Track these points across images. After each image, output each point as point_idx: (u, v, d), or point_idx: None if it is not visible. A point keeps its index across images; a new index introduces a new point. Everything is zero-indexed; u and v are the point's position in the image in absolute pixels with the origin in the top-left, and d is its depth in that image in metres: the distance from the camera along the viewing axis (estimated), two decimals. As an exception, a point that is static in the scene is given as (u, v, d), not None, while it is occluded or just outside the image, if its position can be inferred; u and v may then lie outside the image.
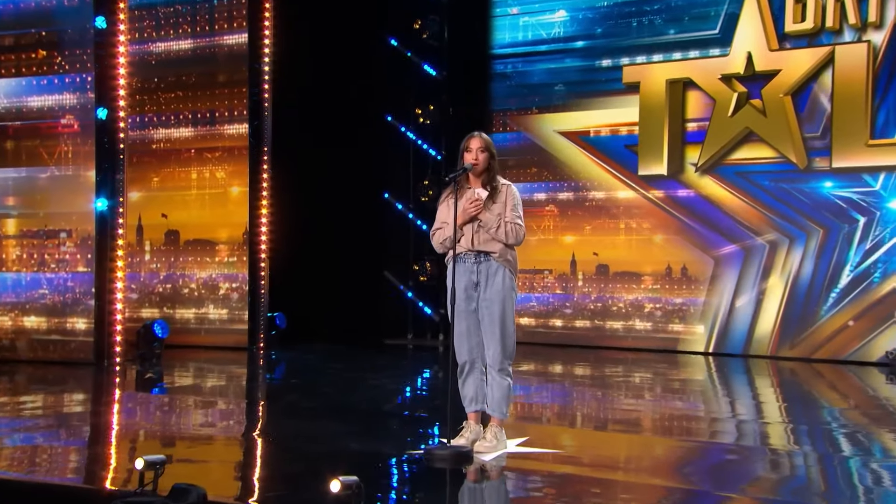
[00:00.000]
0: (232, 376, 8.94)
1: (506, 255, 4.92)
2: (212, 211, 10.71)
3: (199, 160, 10.78)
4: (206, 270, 10.76)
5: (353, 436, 5.55)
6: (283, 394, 7.94)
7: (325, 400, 7.21)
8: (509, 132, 11.69)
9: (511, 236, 4.89)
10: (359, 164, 11.55)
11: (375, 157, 11.60)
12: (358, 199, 11.56)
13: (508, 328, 4.91)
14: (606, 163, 11.15)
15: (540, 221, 11.54)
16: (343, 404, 6.91)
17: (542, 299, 11.46)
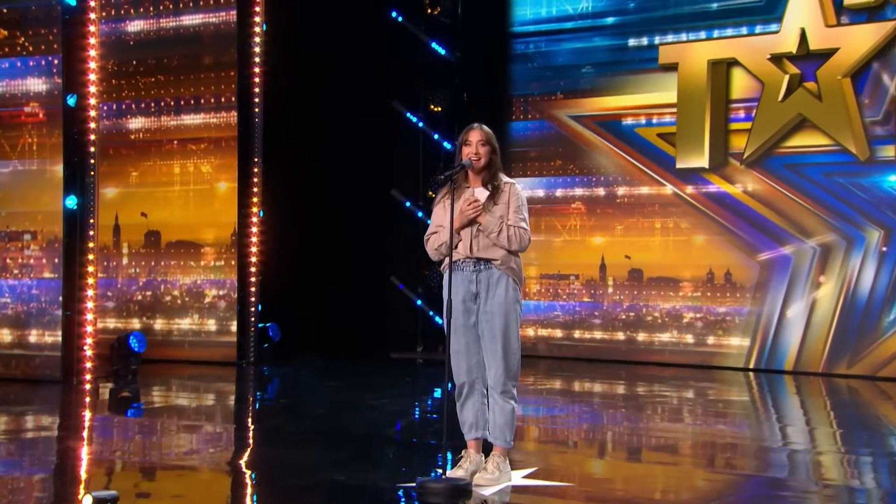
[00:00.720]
0: (216, 395, 8.92)
1: (509, 262, 4.89)
2: (197, 209, 10.67)
3: (182, 152, 10.75)
4: (191, 276, 10.73)
5: (340, 465, 5.49)
6: (270, 416, 7.92)
7: (314, 424, 7.17)
8: (531, 120, 11.71)
9: (514, 241, 4.86)
10: (361, 157, 11.52)
11: (380, 149, 11.53)
12: (360, 196, 11.53)
13: (512, 345, 4.85)
14: (640, 155, 11.16)
15: (565, 221, 11.52)
16: (334, 428, 6.88)
17: (567, 308, 11.46)
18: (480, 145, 4.92)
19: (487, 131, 4.93)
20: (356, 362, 10.73)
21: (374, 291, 11.52)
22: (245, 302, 10.54)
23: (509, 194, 4.92)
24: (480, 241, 4.87)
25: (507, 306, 4.84)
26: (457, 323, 4.86)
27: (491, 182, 4.94)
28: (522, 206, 4.94)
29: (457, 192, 4.89)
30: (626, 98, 11.07)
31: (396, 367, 10.65)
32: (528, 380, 10.05)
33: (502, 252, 4.88)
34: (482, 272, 4.86)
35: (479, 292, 4.86)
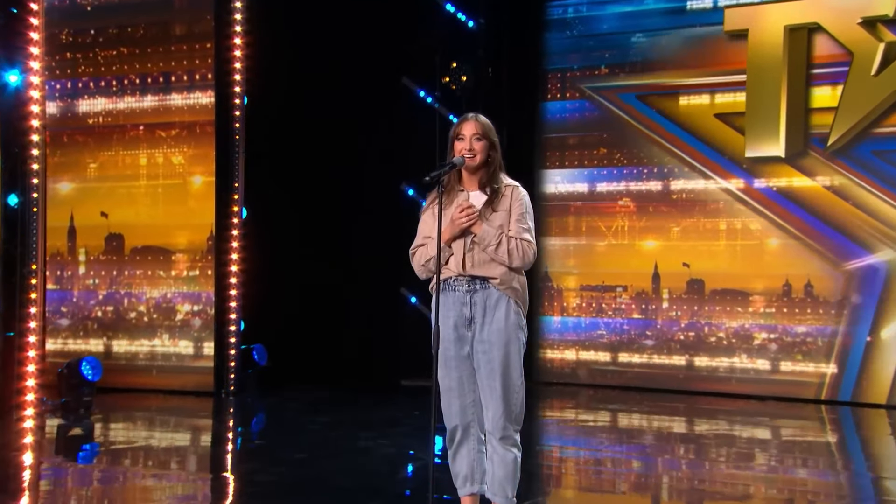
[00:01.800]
0: (184, 433, 8.91)
1: (510, 281, 4.89)
2: (167, 208, 10.65)
3: (149, 140, 10.70)
4: (160, 288, 10.71)
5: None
6: (242, 461, 7.85)
7: (291, 471, 7.06)
8: (569, 100, 11.71)
9: (516, 256, 4.86)
10: (365, 145, 11.51)
11: (388, 136, 11.49)
12: (364, 192, 11.54)
13: (514, 380, 4.84)
14: (701, 141, 11.11)
15: (610, 221, 11.51)
16: (313, 477, 6.81)
17: (613, 326, 11.50)
18: (475, 140, 4.94)
19: (484, 122, 4.97)
20: (358, 391, 10.74)
21: (380, 306, 11.51)
22: (224, 319, 10.45)
23: (511, 199, 4.95)
24: (475, 256, 4.87)
25: (507, 333, 4.84)
26: (447, 354, 4.88)
27: (489, 184, 4.96)
28: (527, 213, 4.96)
29: (448, 196, 4.93)
30: (685, 73, 11.12)
31: (406, 398, 10.59)
32: (566, 413, 10.19)
33: (502, 269, 4.88)
34: (478, 293, 4.87)
35: (473, 317, 4.87)
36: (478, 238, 4.83)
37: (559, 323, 11.66)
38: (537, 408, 10.71)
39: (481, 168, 4.95)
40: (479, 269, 4.85)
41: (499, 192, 4.93)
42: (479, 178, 4.95)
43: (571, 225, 11.63)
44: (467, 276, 4.87)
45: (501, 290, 4.85)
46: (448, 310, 4.87)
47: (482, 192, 4.94)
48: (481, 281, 4.86)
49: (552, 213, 11.68)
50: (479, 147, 4.92)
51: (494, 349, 4.81)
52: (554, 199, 11.68)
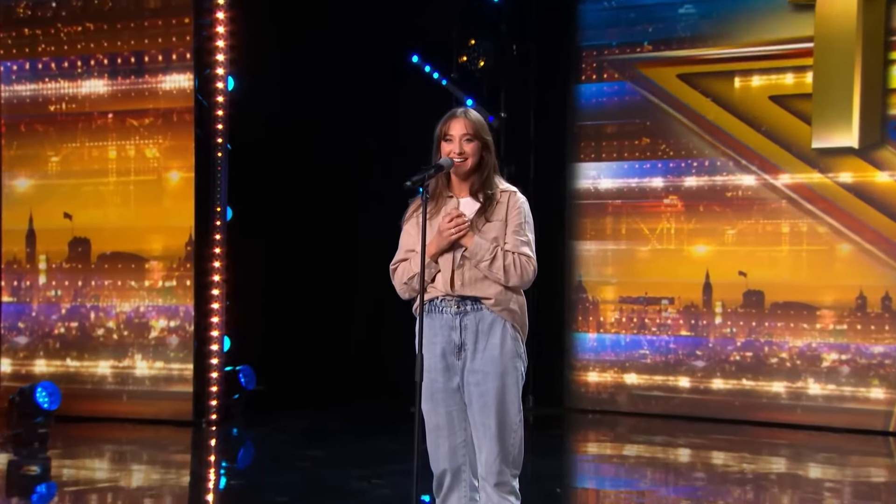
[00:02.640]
0: (157, 471, 8.89)
1: (506, 301, 4.93)
2: (140, 209, 10.68)
3: (119, 130, 10.71)
4: (132, 301, 10.72)
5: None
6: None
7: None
8: (606, 82, 11.64)
9: (513, 273, 4.89)
10: (368, 137, 11.46)
11: (394, 126, 11.37)
12: (366, 191, 11.48)
13: (511, 418, 4.89)
14: (761, 130, 11.02)
15: (654, 222, 11.42)
16: None
17: (657, 345, 11.39)
18: (465, 141, 4.96)
19: (476, 120, 5.01)
20: (358, 419, 10.76)
21: (386, 321, 11.14)
22: (205, 337, 10.44)
23: (508, 207, 4.99)
24: (466, 273, 4.91)
25: (503, 363, 4.87)
26: (434, 387, 4.92)
27: (482, 190, 4.99)
28: (526, 223, 5.00)
29: (434, 203, 4.98)
30: (742, 50, 11.04)
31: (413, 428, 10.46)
32: (603, 447, 10.26)
33: (497, 288, 4.91)
34: (468, 315, 4.91)
35: (464, 343, 4.91)
36: (469, 252, 4.87)
37: (595, 341, 11.51)
38: (569, 440, 10.77)
39: (473, 173, 4.97)
40: (470, 289, 4.89)
41: (493, 198, 4.96)
42: (471, 183, 4.98)
43: (609, 227, 11.51)
44: (456, 297, 4.91)
45: (496, 313, 4.88)
46: (434, 335, 4.91)
47: (474, 199, 4.97)
48: (473, 302, 4.90)
49: (587, 214, 11.55)
50: (471, 149, 4.95)
51: (488, 380, 4.83)
52: (589, 197, 11.54)
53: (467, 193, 4.99)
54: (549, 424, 10.96)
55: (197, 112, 10.34)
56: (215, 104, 10.38)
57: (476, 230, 4.89)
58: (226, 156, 10.43)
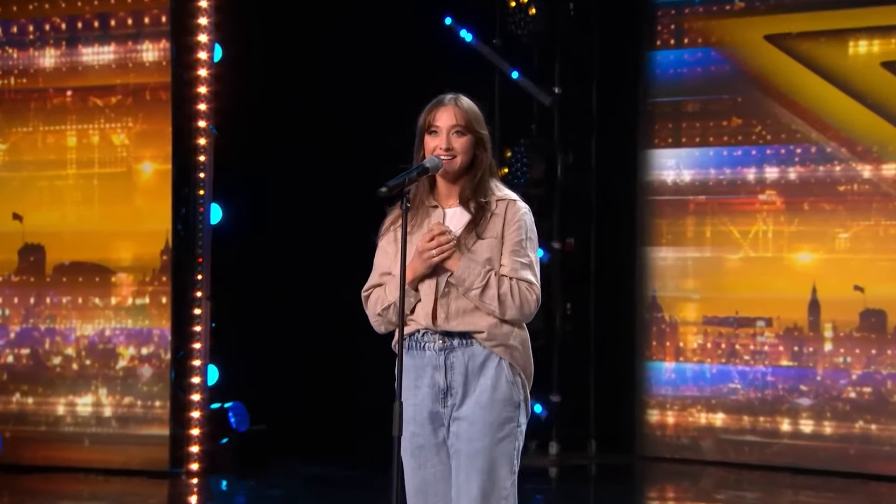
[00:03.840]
0: None
1: (503, 335, 4.95)
2: (105, 209, 10.69)
3: (81, 112, 10.72)
4: (95, 322, 10.70)
5: None
6: None
7: None
8: (687, 48, 11.56)
9: (510, 304, 4.89)
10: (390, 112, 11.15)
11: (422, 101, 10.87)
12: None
13: (499, 483, 4.93)
14: (880, 109, 10.84)
15: (747, 223, 11.31)
16: None
17: (751, 377, 11.19)
18: (455, 135, 4.97)
19: (469, 109, 5.03)
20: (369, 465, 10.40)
21: None
22: (185, 367, 10.37)
23: (506, 220, 4.99)
24: (452, 304, 4.95)
25: (496, 411, 4.91)
26: (415, 441, 4.97)
27: (474, 198, 5.00)
28: (528, 240, 5.00)
29: (414, 214, 5.03)
30: (856, 13, 10.91)
31: None
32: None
33: (490, 319, 4.92)
34: (455, 352, 4.94)
35: (450, 386, 4.95)
36: (455, 278, 4.89)
37: (673, 372, 11.30)
38: (642, 496, 10.82)
39: (464, 174, 4.96)
40: (457, 322, 4.92)
41: (487, 209, 4.95)
42: (461, 188, 4.98)
43: (690, 229, 11.32)
44: (441, 331, 4.94)
45: (489, 348, 4.89)
46: (417, 377, 4.94)
47: (464, 209, 4.98)
48: (461, 337, 4.93)
49: (662, 213, 11.33)
50: (461, 144, 4.93)
51: (474, 431, 4.86)
52: (665, 192, 11.34)
53: (456, 202, 5.01)
54: (616, 476, 10.98)
55: (175, 88, 10.31)
56: (197, 79, 10.29)
57: (465, 250, 4.91)
58: (211, 143, 10.33)
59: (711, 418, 11.29)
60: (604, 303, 11.26)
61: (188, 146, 10.32)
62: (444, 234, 4.90)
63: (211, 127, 10.36)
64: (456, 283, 4.93)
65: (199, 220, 10.36)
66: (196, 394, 10.30)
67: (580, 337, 11.22)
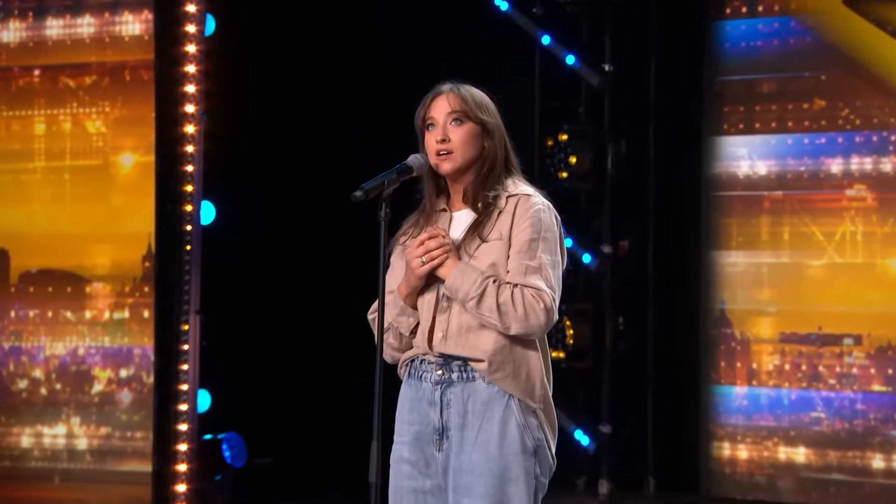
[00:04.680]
0: None
1: (508, 363, 4.92)
2: (78, 208, 10.74)
3: (50, 95, 10.74)
4: (66, 340, 10.67)
5: None
6: None
7: None
8: (762, 17, 11.40)
9: (512, 314, 4.86)
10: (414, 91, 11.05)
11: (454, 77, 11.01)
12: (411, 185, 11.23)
13: None
14: None
15: (832, 224, 11.15)
16: None
17: (837, 404, 11.00)
18: (452, 123, 5.02)
19: (468, 95, 5.07)
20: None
21: None
22: (171, 391, 10.12)
23: (515, 217, 4.99)
24: (453, 320, 4.96)
25: (503, 464, 4.89)
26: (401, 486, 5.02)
27: (479, 194, 5.03)
28: (542, 240, 4.96)
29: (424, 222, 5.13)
30: None
31: None
32: None
33: (493, 342, 4.90)
34: (453, 386, 4.96)
35: (446, 428, 4.96)
36: (447, 286, 4.90)
37: (745, 398, 11.14)
38: None
39: (466, 170, 4.98)
40: (454, 343, 4.90)
41: (493, 205, 4.96)
42: (465, 186, 5.01)
43: (765, 230, 11.19)
44: (438, 356, 4.94)
45: (494, 382, 4.86)
46: (409, 412, 4.98)
47: (473, 210, 5.02)
48: (461, 368, 4.92)
49: (732, 211, 11.21)
50: (461, 134, 4.94)
51: (479, 489, 4.84)
52: (736, 187, 11.21)
53: (463, 203, 5.04)
54: (679, 521, 10.86)
55: (159, 67, 10.24)
56: (185, 56, 10.07)
57: (465, 254, 4.92)
58: (201, 130, 10.11)
59: (790, 453, 11.13)
60: (663, 316, 11.12)
61: (175, 134, 10.12)
62: (434, 237, 4.92)
63: (201, 112, 10.07)
64: (449, 293, 4.92)
65: (188, 220, 10.12)
66: (184, 423, 10.05)
67: (635, 357, 11.09)
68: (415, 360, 5.02)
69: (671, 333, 10.64)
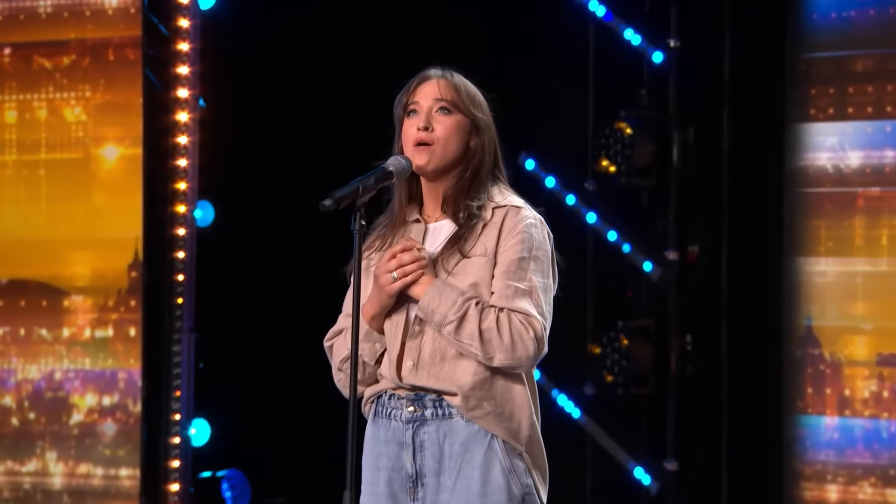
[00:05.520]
0: None
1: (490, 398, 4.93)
2: (54, 208, 10.77)
3: (22, 78, 10.78)
4: (41, 362, 10.68)
5: None
6: None
7: None
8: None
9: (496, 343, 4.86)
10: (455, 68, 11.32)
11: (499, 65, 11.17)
12: None
13: None
14: None
15: None
16: None
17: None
18: (439, 111, 5.03)
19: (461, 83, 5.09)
20: None
21: None
22: (161, 422, 10.29)
23: (502, 231, 5.01)
24: (426, 347, 4.98)
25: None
26: None
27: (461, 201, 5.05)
28: (532, 259, 4.98)
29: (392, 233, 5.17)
30: None
31: None
32: None
33: (472, 374, 4.90)
34: (427, 425, 4.99)
35: (421, 473, 5.01)
36: (420, 308, 4.89)
37: (836, 430, 10.89)
38: None
39: (448, 171, 4.99)
40: (426, 374, 4.91)
41: (478, 218, 4.97)
42: (443, 191, 5.02)
43: (858, 233, 10.97)
44: (409, 389, 4.95)
45: (473, 420, 4.88)
46: (378, 457, 5.02)
47: (454, 221, 5.03)
48: (436, 404, 4.92)
49: (820, 211, 10.99)
50: (446, 126, 4.95)
51: None
52: (824, 183, 10.97)
53: (442, 212, 5.06)
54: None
55: (148, 45, 10.28)
56: (178, 31, 10.23)
57: (442, 272, 4.90)
58: (197, 119, 10.24)
59: (890, 496, 10.94)
60: (739, 335, 10.88)
61: (166, 123, 10.24)
62: (408, 250, 4.88)
63: (197, 97, 10.23)
64: (423, 315, 4.88)
65: (181, 222, 10.22)
66: (176, 459, 10.22)
67: (706, 382, 10.85)
68: (382, 395, 5.01)
69: (748, 354, 10.47)
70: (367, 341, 5.00)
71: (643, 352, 11.31)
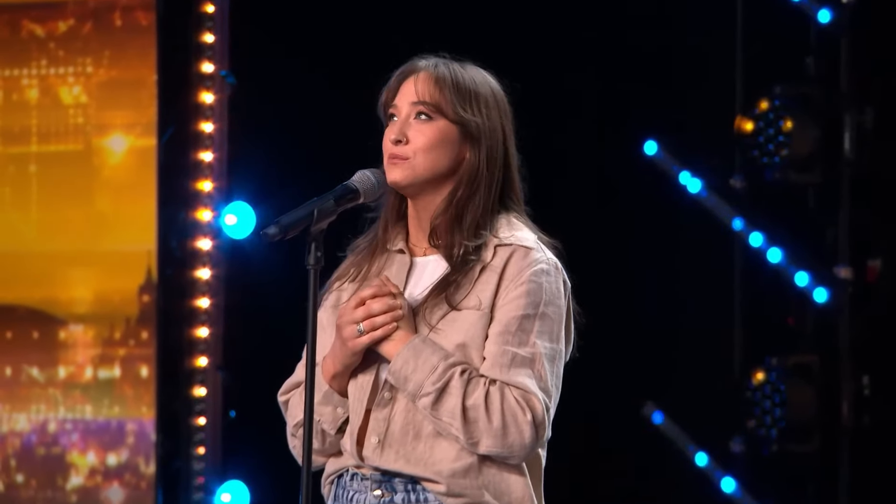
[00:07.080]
0: None
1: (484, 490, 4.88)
2: (48, 215, 10.89)
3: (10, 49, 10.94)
4: (32, 409, 10.79)
5: None
6: None
7: None
8: None
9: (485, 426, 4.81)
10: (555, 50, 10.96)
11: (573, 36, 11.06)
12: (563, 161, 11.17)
13: None
14: None
15: None
16: None
17: None
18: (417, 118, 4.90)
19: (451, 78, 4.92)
20: None
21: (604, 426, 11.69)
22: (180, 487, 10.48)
23: (503, 276, 4.88)
24: (397, 418, 4.91)
25: None
26: None
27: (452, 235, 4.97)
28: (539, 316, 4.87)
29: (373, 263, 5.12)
30: None
31: None
32: None
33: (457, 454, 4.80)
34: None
35: None
36: (391, 372, 4.78)
37: None
38: None
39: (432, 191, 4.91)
40: (395, 455, 4.82)
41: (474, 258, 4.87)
42: (431, 218, 4.91)
43: None
44: (374, 470, 4.86)
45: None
46: None
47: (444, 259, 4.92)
48: (407, 482, 4.85)
49: None
50: (423, 138, 4.82)
51: None
52: None
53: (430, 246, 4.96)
54: None
55: (163, 8, 10.36)
56: None
57: (423, 326, 4.80)
58: (225, 100, 10.29)
59: None
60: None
61: (186, 106, 10.34)
62: (382, 296, 4.76)
63: (225, 73, 10.29)
64: (394, 381, 4.76)
65: (206, 232, 10.27)
66: None
67: (888, 434, 10.50)
68: (343, 474, 4.86)
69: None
70: (327, 405, 4.89)
71: (806, 397, 11.05)
